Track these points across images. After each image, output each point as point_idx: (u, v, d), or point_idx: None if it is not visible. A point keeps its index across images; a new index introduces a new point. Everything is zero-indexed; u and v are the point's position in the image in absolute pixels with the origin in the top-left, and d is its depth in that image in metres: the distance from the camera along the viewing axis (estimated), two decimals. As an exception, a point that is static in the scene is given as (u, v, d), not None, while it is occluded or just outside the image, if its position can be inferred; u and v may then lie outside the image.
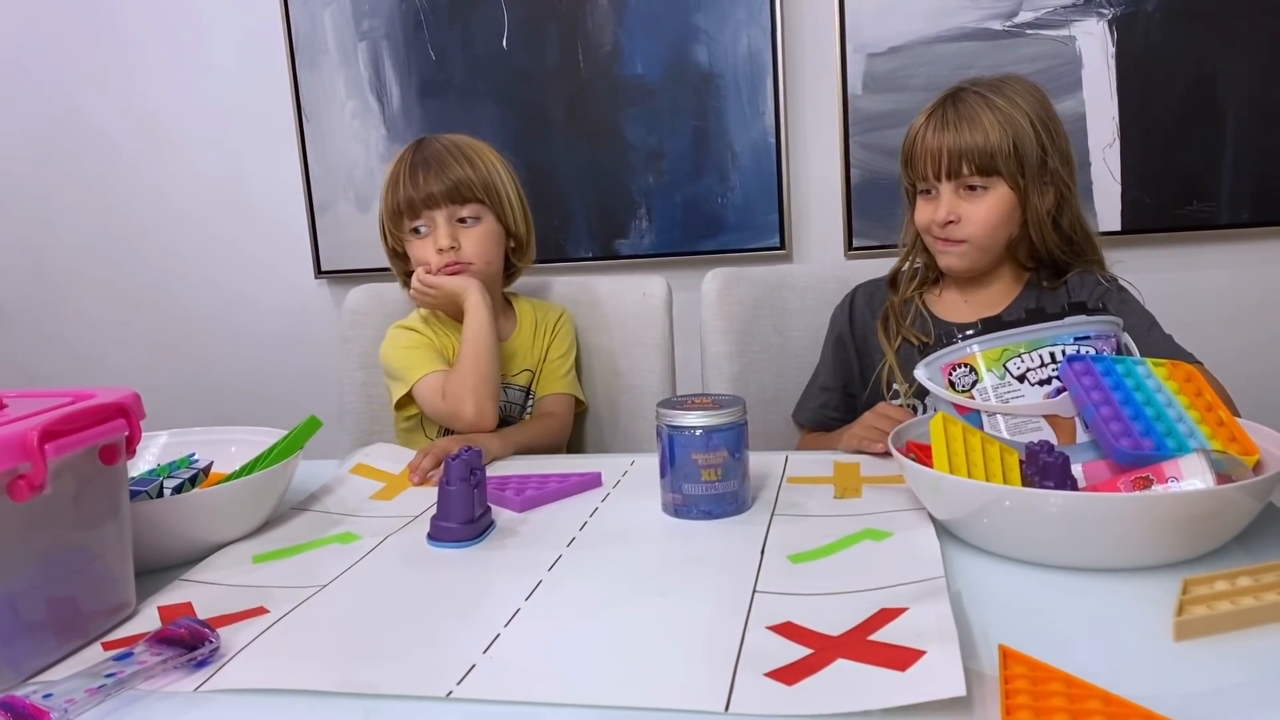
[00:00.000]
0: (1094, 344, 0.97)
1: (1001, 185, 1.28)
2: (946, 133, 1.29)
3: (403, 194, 1.44)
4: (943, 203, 1.31)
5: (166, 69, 2.51)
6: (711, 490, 1.00)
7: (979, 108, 1.29)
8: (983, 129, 1.27)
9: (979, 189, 1.29)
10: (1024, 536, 0.82)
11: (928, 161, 1.31)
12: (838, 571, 0.85)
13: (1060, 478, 0.85)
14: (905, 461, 0.91)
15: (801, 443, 1.47)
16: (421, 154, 1.46)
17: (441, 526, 0.98)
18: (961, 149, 1.28)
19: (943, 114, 1.31)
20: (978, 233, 1.30)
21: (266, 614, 0.83)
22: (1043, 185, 1.30)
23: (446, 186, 1.43)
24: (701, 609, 0.79)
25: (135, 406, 0.83)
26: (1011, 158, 1.27)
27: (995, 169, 1.28)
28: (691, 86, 2.21)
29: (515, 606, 0.81)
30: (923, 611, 0.73)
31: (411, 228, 1.46)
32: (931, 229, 1.34)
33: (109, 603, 0.83)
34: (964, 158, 1.28)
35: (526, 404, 1.53)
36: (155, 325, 2.66)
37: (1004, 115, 1.28)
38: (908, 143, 1.36)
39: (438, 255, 1.44)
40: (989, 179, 1.28)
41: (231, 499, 1.01)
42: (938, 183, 1.31)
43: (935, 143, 1.30)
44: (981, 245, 1.32)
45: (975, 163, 1.28)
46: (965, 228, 1.30)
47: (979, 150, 1.27)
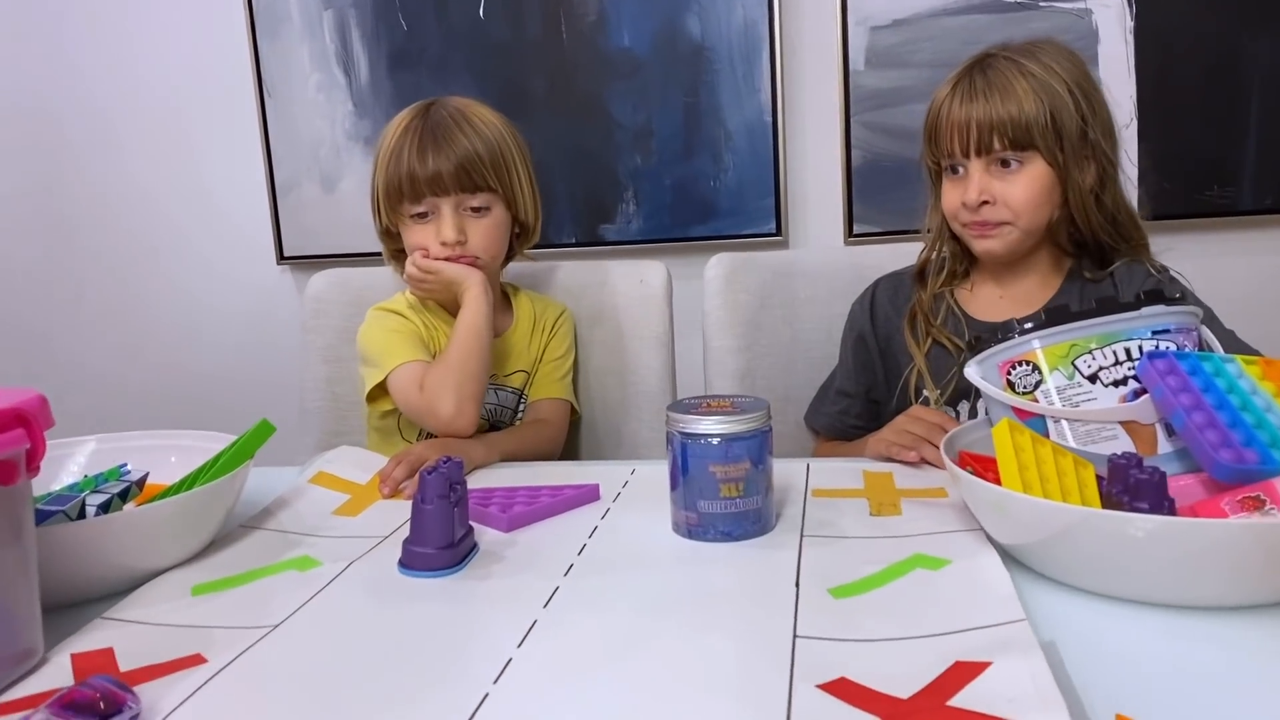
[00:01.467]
0: (1174, 338, 0.84)
1: (1038, 160, 1.16)
2: (975, 103, 1.16)
3: (404, 171, 1.26)
4: (972, 182, 1.17)
5: (113, 40, 2.34)
6: (732, 508, 0.86)
7: (1011, 74, 1.16)
8: (1016, 98, 1.14)
9: (1013, 165, 1.16)
10: (1116, 567, 0.69)
11: (954, 136, 1.18)
12: (891, 610, 0.71)
13: (1156, 497, 0.72)
14: (965, 477, 0.78)
15: (817, 450, 1.34)
16: (429, 123, 1.28)
17: (415, 552, 0.83)
18: (993, 120, 1.15)
19: (970, 82, 1.18)
20: (1021, 212, 1.17)
21: (204, 664, 0.69)
22: (1083, 160, 1.17)
23: (455, 168, 1.25)
24: (733, 660, 0.65)
25: (39, 413, 0.67)
26: (1049, 129, 1.14)
27: (1030, 142, 1.15)
28: (682, 60, 2.07)
29: (506, 655, 0.67)
30: (1011, 667, 0.60)
31: (414, 213, 1.29)
32: (961, 213, 1.20)
33: (7, 651, 0.67)
34: (995, 130, 1.15)
35: (519, 408, 1.38)
36: (100, 318, 2.48)
37: (1039, 82, 1.15)
38: (931, 115, 1.22)
39: (441, 246, 1.28)
40: (1023, 153, 1.16)
41: (168, 518, 0.85)
42: (966, 159, 1.18)
43: (963, 115, 1.17)
44: (1025, 227, 1.18)
45: (1008, 135, 1.15)
46: (1002, 209, 1.17)
47: (1012, 121, 1.14)
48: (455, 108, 1.30)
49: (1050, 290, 1.24)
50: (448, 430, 1.20)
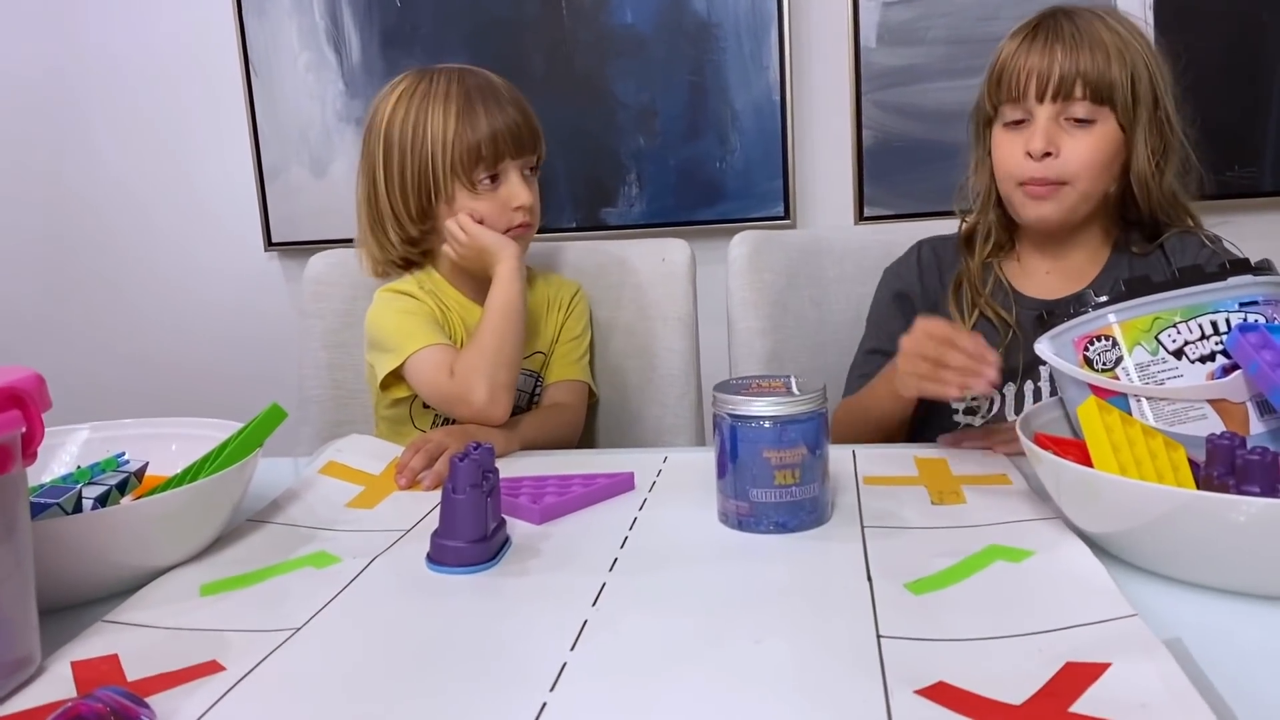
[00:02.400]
0: (1262, 310, 0.78)
1: (1111, 121, 1.08)
2: (1060, 47, 1.08)
3: (485, 133, 1.18)
4: (1039, 129, 1.09)
5: (95, 17, 2.25)
6: (786, 497, 0.79)
7: (1097, 26, 1.09)
8: (1104, 49, 1.07)
9: (1084, 122, 1.08)
10: (1226, 556, 0.64)
11: (1031, 79, 1.09)
12: (979, 607, 0.65)
13: (1267, 479, 0.66)
14: (1050, 459, 0.71)
15: (836, 414, 1.23)
16: (478, 83, 1.22)
17: (446, 546, 0.76)
18: (1078, 67, 1.07)
19: (1055, 27, 1.10)
20: (1082, 173, 1.09)
21: (222, 671, 0.62)
22: (1153, 130, 1.11)
23: (528, 126, 1.21)
24: (816, 662, 0.59)
25: (35, 393, 0.60)
26: (1128, 90, 1.07)
27: (1110, 98, 1.07)
28: (687, 37, 2.00)
29: (559, 659, 0.60)
30: (1135, 669, 0.54)
31: (488, 175, 1.20)
32: (1020, 167, 1.11)
33: (3, 659, 0.60)
34: (1080, 77, 1.07)
35: (536, 391, 1.31)
36: (84, 305, 2.40)
37: (1123, 41, 1.08)
38: (1001, 59, 1.14)
39: (511, 213, 1.21)
40: (1100, 109, 1.08)
41: (173, 512, 0.78)
42: (1038, 104, 1.09)
43: (1044, 59, 1.09)
44: (1084, 190, 1.10)
45: (1091, 85, 1.07)
46: (1067, 165, 1.09)
47: (1098, 71, 1.07)
48: (484, 74, 1.25)
49: (1098, 265, 1.17)
50: (479, 419, 1.12)
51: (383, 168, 1.22)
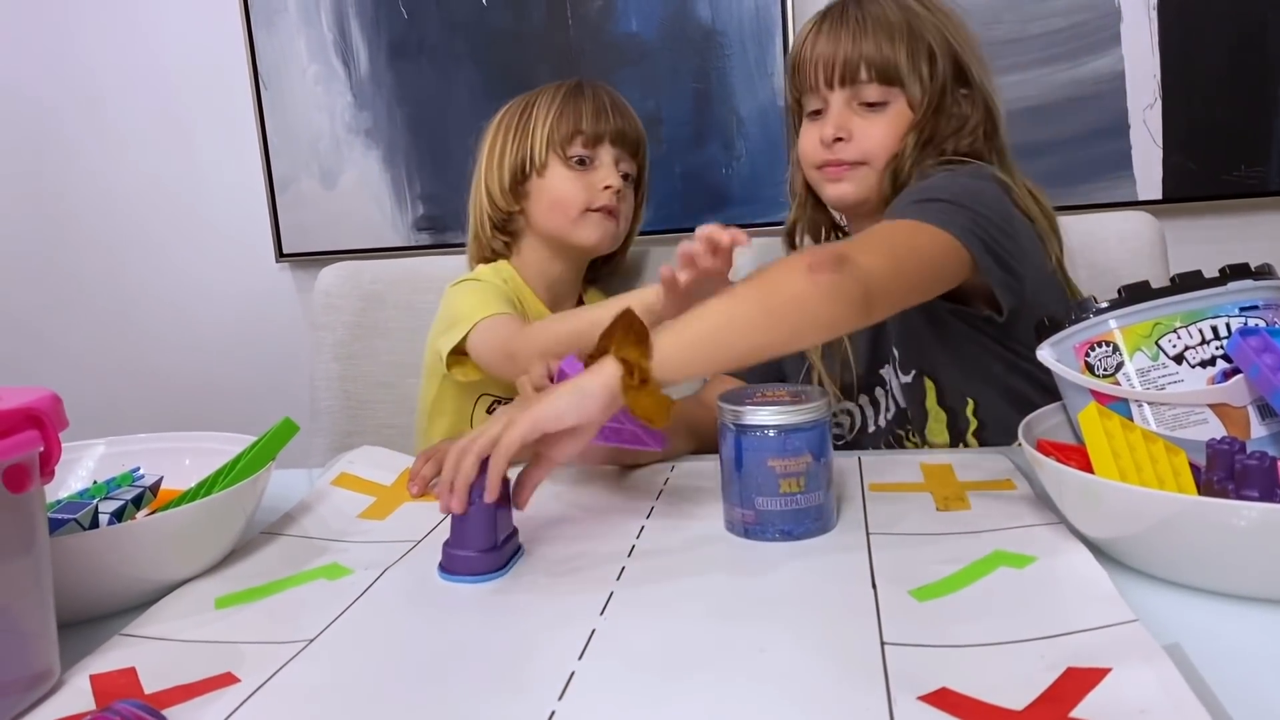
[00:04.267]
0: (1263, 315, 0.78)
1: (902, 100, 1.10)
2: (845, 35, 1.10)
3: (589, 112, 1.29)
4: (831, 116, 1.11)
5: (105, 30, 2.26)
6: (792, 505, 0.80)
7: (884, 7, 1.10)
8: (888, 28, 1.09)
9: (876, 105, 1.11)
10: (1226, 561, 0.64)
11: (818, 68, 1.12)
12: (982, 613, 0.66)
13: (1266, 484, 0.66)
14: (1051, 465, 0.72)
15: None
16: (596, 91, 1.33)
17: (457, 556, 0.77)
18: (862, 52, 1.09)
19: (842, 13, 1.12)
20: (876, 153, 1.11)
21: (236, 683, 0.63)
22: (945, 107, 1.11)
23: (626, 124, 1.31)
24: (820, 669, 0.59)
25: (52, 413, 0.61)
26: (923, 66, 1.09)
27: (898, 78, 1.09)
28: (692, 45, 2.01)
29: (567, 669, 0.61)
30: (1135, 674, 0.55)
31: (577, 156, 1.29)
32: (815, 153, 1.14)
33: (22, 673, 0.62)
34: (863, 61, 1.09)
35: None
36: (95, 319, 2.41)
37: (917, 17, 1.10)
38: (795, 48, 1.16)
39: (601, 191, 1.28)
40: (889, 90, 1.10)
41: (188, 526, 0.79)
42: (829, 91, 1.12)
43: (830, 47, 1.11)
44: (878, 170, 1.11)
45: (876, 67, 1.09)
46: (859, 146, 1.11)
47: (881, 53, 1.09)
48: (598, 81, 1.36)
49: None
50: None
51: (487, 151, 1.33)
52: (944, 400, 1.13)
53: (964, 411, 1.11)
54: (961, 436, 1.12)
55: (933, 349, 1.12)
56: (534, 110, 1.31)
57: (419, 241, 2.17)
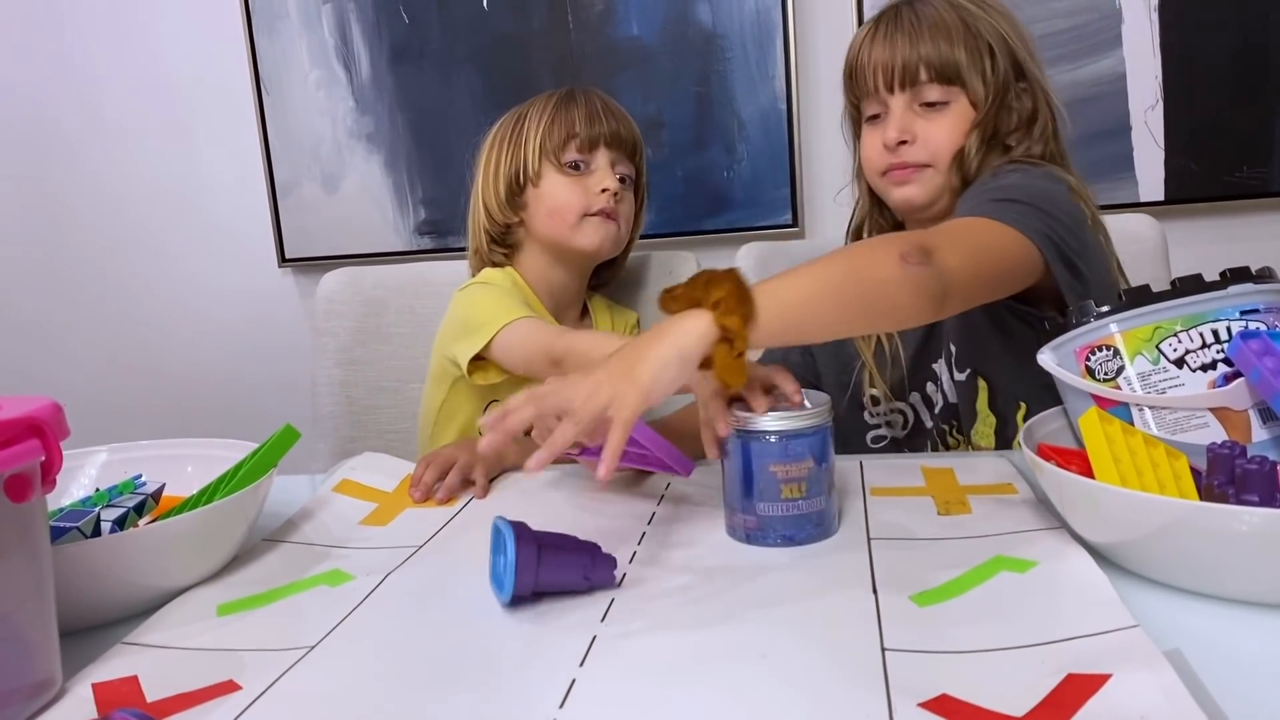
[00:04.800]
0: (1263, 318, 0.78)
1: (963, 99, 1.09)
2: (901, 38, 1.09)
3: (581, 117, 1.28)
4: (893, 118, 1.10)
5: (107, 37, 2.27)
6: (794, 510, 0.80)
7: (938, 8, 1.10)
8: (946, 30, 1.08)
9: (937, 105, 1.09)
10: (1227, 566, 0.64)
11: (877, 72, 1.11)
12: (983, 618, 0.66)
13: (1266, 489, 0.66)
14: (1051, 470, 0.72)
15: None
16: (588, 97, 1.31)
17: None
18: (921, 54, 1.08)
19: (896, 17, 1.11)
20: (941, 153, 1.09)
21: (238, 691, 0.63)
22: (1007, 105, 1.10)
23: (622, 127, 1.30)
24: (821, 677, 0.59)
25: (54, 422, 0.61)
26: (982, 65, 1.08)
27: (959, 77, 1.08)
28: (693, 48, 2.01)
29: (568, 676, 0.61)
30: (1135, 680, 0.54)
31: (571, 161, 1.28)
32: (879, 158, 1.13)
33: (24, 682, 0.62)
34: (922, 62, 1.08)
35: None
36: (96, 324, 2.41)
37: (973, 16, 1.09)
38: (851, 53, 1.15)
39: (598, 195, 1.27)
40: (950, 89, 1.09)
41: (190, 533, 0.79)
42: (889, 95, 1.11)
43: (887, 51, 1.10)
44: (945, 171, 1.10)
45: (936, 67, 1.08)
46: (925, 148, 1.10)
47: (940, 53, 1.08)
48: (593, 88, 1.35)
49: None
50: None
51: (483, 166, 1.32)
52: (995, 403, 1.13)
53: (1014, 417, 1.11)
54: (1008, 443, 1.11)
55: (991, 349, 1.11)
56: (526, 121, 1.31)
57: (421, 246, 2.17)
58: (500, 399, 1.27)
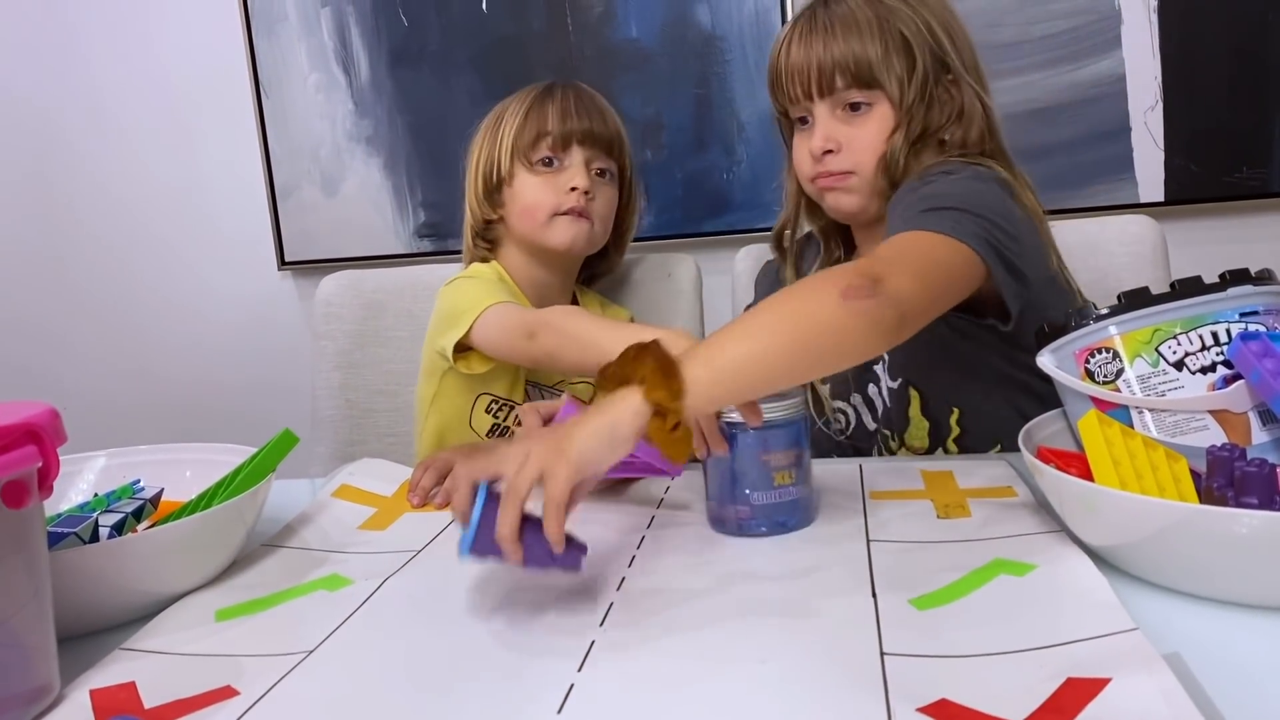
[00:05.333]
0: (1263, 320, 0.78)
1: (884, 101, 1.06)
2: (816, 40, 1.06)
3: (554, 115, 1.26)
4: (818, 128, 1.08)
5: (108, 41, 2.27)
6: (785, 496, 0.83)
7: (856, 6, 1.06)
8: (858, 30, 1.05)
9: (861, 108, 1.07)
10: (1226, 569, 0.64)
11: (795, 79, 1.09)
12: (981, 622, 0.65)
13: (1265, 491, 0.66)
14: (1051, 473, 0.72)
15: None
16: (565, 92, 1.29)
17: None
18: (835, 57, 1.05)
19: (811, 19, 1.08)
20: (866, 159, 1.07)
21: (237, 696, 0.63)
22: (932, 100, 1.06)
23: (597, 123, 1.27)
24: (820, 681, 0.59)
25: (51, 428, 0.61)
26: (899, 64, 1.04)
27: (875, 79, 1.05)
28: (692, 50, 2.01)
29: (567, 680, 0.61)
30: (1135, 684, 0.54)
31: (543, 158, 1.26)
32: (809, 167, 1.10)
33: (22, 688, 0.62)
34: (837, 67, 1.05)
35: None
36: (97, 327, 2.41)
37: (890, 11, 1.05)
38: (772, 60, 1.13)
39: (568, 194, 1.24)
40: (870, 92, 1.06)
41: (188, 538, 0.79)
42: (811, 104, 1.09)
43: (803, 55, 1.07)
44: (870, 178, 1.08)
45: (851, 71, 1.05)
46: (850, 156, 1.07)
47: (855, 56, 1.04)
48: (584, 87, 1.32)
49: None
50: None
51: (471, 161, 1.32)
52: (928, 410, 1.12)
53: (947, 420, 1.10)
54: (942, 443, 1.11)
55: (922, 357, 1.09)
56: (504, 118, 1.29)
57: (420, 248, 2.17)
58: (491, 391, 1.26)
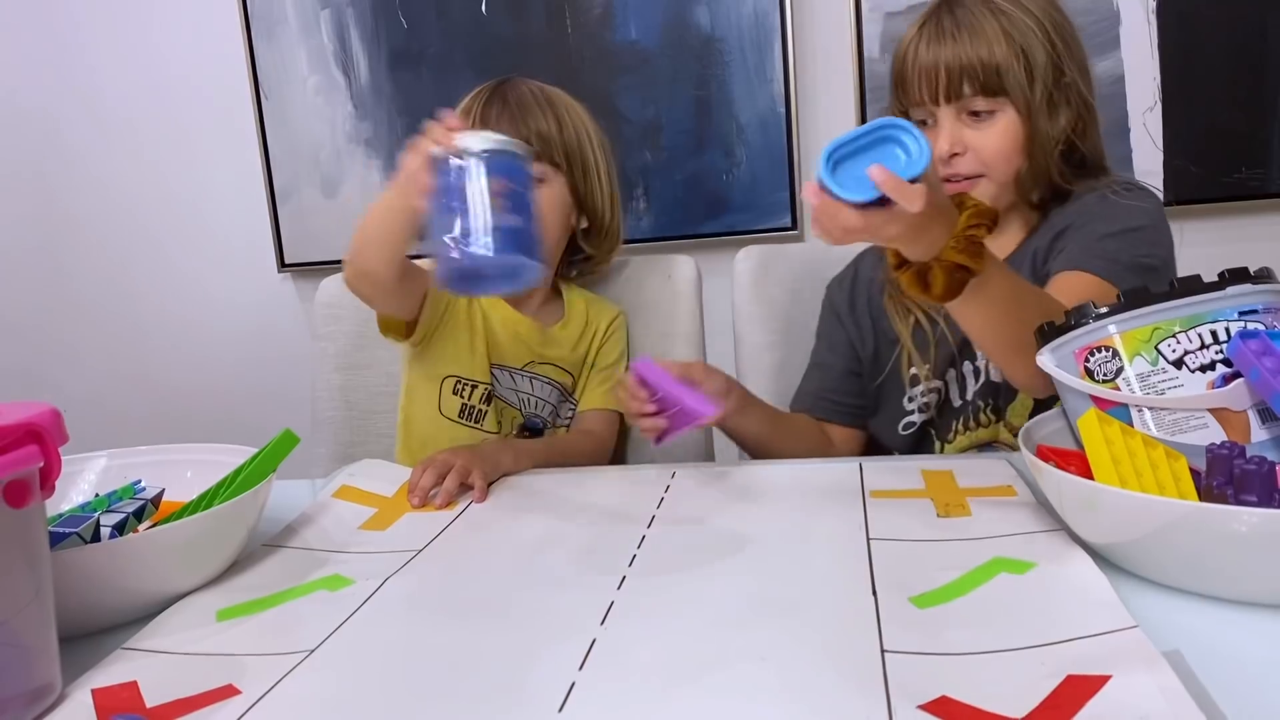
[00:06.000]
0: (1262, 319, 0.78)
1: (1010, 108, 1.09)
2: (943, 45, 1.09)
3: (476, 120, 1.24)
4: (943, 131, 1.10)
5: (108, 43, 2.28)
6: (505, 222, 0.85)
7: (980, 14, 1.09)
8: (986, 39, 1.07)
9: (984, 114, 1.10)
10: (1226, 567, 0.64)
11: (922, 82, 1.10)
12: (982, 620, 0.66)
13: (1264, 489, 0.66)
14: (1051, 471, 0.72)
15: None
16: (501, 93, 1.25)
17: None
18: (962, 64, 1.08)
19: (938, 23, 1.10)
20: (993, 164, 1.10)
21: (238, 695, 0.63)
22: (1053, 106, 1.10)
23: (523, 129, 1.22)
24: (821, 678, 0.59)
25: (53, 428, 0.61)
26: (1021, 73, 1.07)
27: (1002, 88, 1.08)
28: (691, 52, 2.01)
29: (568, 679, 0.61)
30: (1135, 682, 0.54)
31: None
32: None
33: (24, 688, 0.62)
34: (965, 75, 1.08)
35: (560, 410, 1.31)
36: (98, 330, 2.42)
37: (1010, 21, 1.08)
38: (897, 60, 1.15)
39: None
40: (995, 100, 1.09)
41: (189, 538, 0.80)
42: (936, 107, 1.10)
43: (930, 58, 1.09)
44: (1000, 180, 1.11)
45: (980, 80, 1.08)
46: (975, 160, 1.10)
47: (983, 65, 1.07)
48: (534, 85, 1.28)
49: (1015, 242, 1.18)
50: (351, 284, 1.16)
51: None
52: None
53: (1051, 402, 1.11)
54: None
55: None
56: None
57: (420, 251, 2.17)
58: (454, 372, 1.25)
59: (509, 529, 0.93)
